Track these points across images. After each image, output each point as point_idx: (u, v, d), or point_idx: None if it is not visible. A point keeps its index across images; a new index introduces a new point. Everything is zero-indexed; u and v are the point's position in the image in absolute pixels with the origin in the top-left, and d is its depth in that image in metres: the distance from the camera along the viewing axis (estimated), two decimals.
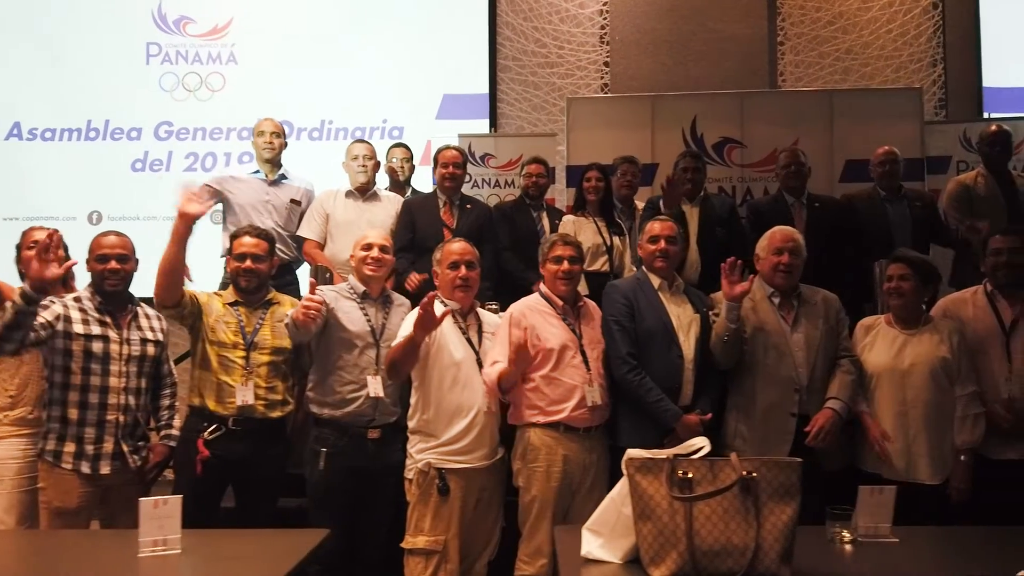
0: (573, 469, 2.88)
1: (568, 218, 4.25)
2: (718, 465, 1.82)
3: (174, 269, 2.84)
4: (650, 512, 1.79)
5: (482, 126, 6.15)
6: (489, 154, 5.47)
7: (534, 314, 2.94)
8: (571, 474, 2.88)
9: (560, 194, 5.42)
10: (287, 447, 3.12)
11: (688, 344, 3.01)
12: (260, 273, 3.02)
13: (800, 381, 2.99)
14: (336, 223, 4.07)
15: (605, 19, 6.27)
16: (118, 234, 2.95)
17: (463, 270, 2.95)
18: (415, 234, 4.11)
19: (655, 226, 3.14)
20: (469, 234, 4.12)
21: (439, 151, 4.20)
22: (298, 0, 6.26)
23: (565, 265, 2.96)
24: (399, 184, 4.56)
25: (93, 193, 6.09)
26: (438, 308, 2.80)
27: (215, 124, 6.20)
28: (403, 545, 2.84)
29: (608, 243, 4.20)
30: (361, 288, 3.06)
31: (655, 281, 3.10)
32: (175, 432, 3.03)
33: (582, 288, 3.27)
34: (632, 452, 1.87)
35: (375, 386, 2.95)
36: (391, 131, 6.19)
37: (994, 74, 6.05)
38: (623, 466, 1.86)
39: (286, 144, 4.24)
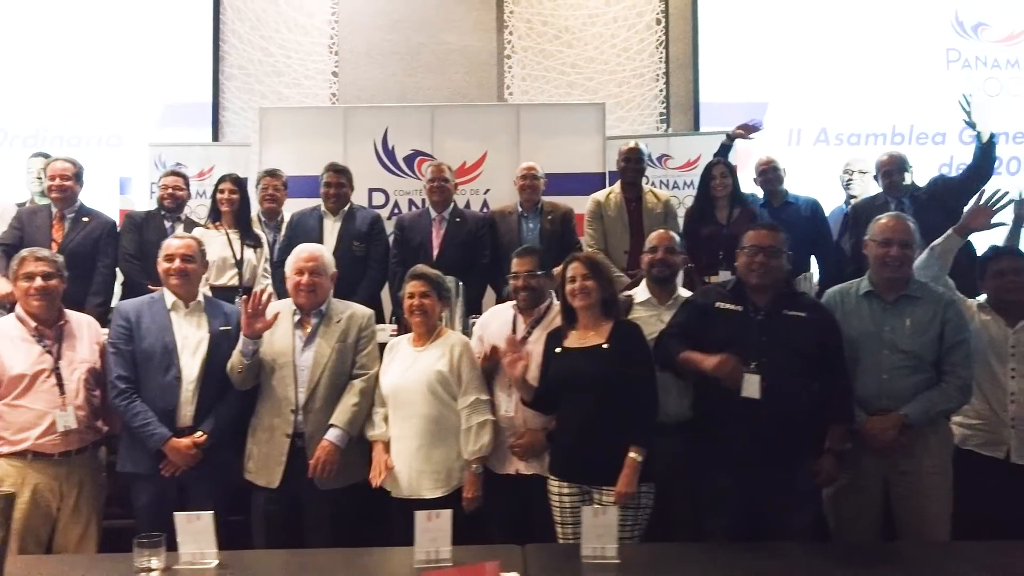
0: (46, 497, 2.79)
1: (198, 230, 4.17)
2: None
3: None
4: None
5: (205, 135, 6.04)
6: (180, 164, 5.34)
7: (2, 339, 2.83)
8: (44, 502, 2.78)
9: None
10: None
11: (192, 364, 2.95)
12: None
13: (297, 401, 2.96)
14: None
15: (334, 29, 6.22)
16: None
17: (39, 281, 2.85)
18: (22, 245, 3.98)
19: (172, 244, 3.07)
20: (79, 248, 4.05)
21: (47, 163, 4.08)
22: (12, 3, 6.04)
23: (38, 282, 2.85)
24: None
25: None
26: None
27: None
28: None
29: (238, 256, 4.15)
30: None
31: (169, 300, 3.03)
32: None
33: None
34: None
35: None
36: (109, 139, 6.04)
37: (710, 89, 6.22)
38: None
39: None
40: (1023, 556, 2.34)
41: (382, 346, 3.16)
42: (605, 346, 2.69)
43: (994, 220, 3.09)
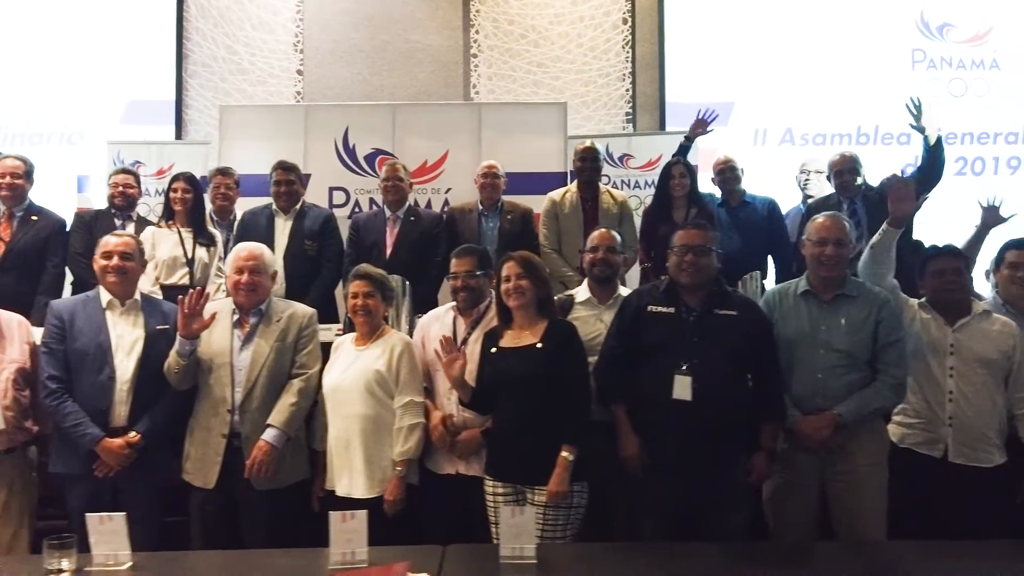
0: None
1: (150, 229, 4.14)
2: None
3: None
4: None
5: (168, 133, 6.00)
6: (139, 162, 5.31)
7: None
8: None
9: None
10: None
11: (126, 364, 2.91)
12: None
13: (234, 401, 2.92)
14: None
15: (299, 27, 6.19)
16: None
17: None
18: None
19: (109, 242, 3.04)
20: (27, 247, 4.02)
21: None
22: None
23: None
24: None
25: None
26: None
27: None
28: None
29: (190, 255, 4.12)
30: None
31: (104, 298, 3.00)
32: None
33: None
34: None
35: None
36: (72, 136, 5.99)
37: (677, 89, 6.22)
38: None
39: None
40: (959, 555, 2.34)
41: (327, 346, 3.14)
42: (539, 346, 2.68)
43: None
